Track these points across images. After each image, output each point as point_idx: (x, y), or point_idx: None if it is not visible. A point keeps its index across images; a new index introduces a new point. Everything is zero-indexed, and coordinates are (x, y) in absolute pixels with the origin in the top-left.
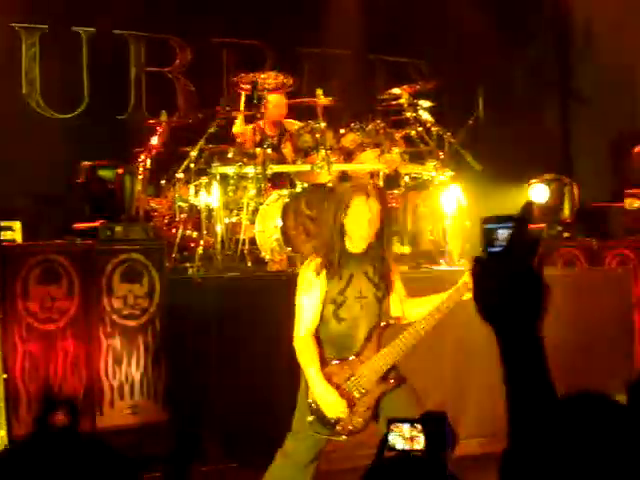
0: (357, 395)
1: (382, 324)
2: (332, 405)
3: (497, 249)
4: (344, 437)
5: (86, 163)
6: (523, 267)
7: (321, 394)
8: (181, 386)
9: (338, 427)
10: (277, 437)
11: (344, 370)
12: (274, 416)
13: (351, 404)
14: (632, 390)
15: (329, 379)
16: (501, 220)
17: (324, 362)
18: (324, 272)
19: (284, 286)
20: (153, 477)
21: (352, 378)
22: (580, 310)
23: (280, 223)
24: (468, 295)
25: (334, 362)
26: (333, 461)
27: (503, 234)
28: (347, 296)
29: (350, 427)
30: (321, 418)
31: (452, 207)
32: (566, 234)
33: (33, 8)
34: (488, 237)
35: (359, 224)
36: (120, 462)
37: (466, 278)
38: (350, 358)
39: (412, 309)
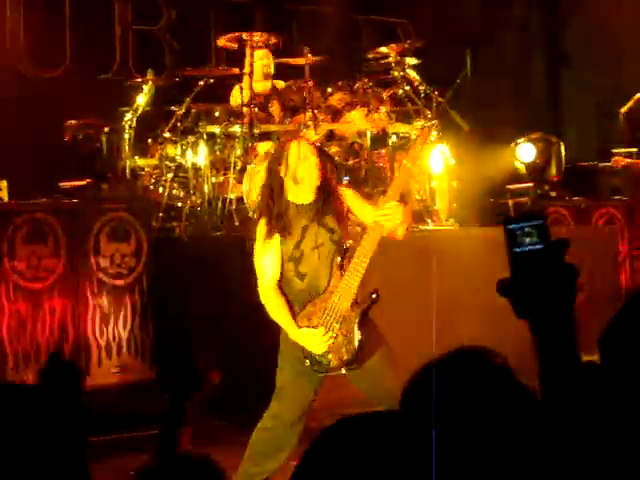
0: (337, 325)
1: (337, 257)
2: (313, 341)
3: (522, 249)
4: (343, 370)
5: (72, 122)
6: (558, 263)
7: (300, 337)
8: (168, 345)
9: (333, 363)
10: (264, 394)
11: (318, 306)
12: (261, 373)
13: (334, 335)
14: (603, 343)
15: (310, 320)
16: (524, 219)
17: (298, 312)
18: (275, 231)
19: None
20: (141, 436)
21: (327, 310)
22: None
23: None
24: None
25: (309, 305)
26: (320, 419)
27: (527, 233)
28: (303, 249)
29: (344, 357)
30: (315, 360)
31: (440, 167)
32: (553, 193)
33: None
34: (512, 237)
35: (298, 173)
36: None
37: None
38: (324, 293)
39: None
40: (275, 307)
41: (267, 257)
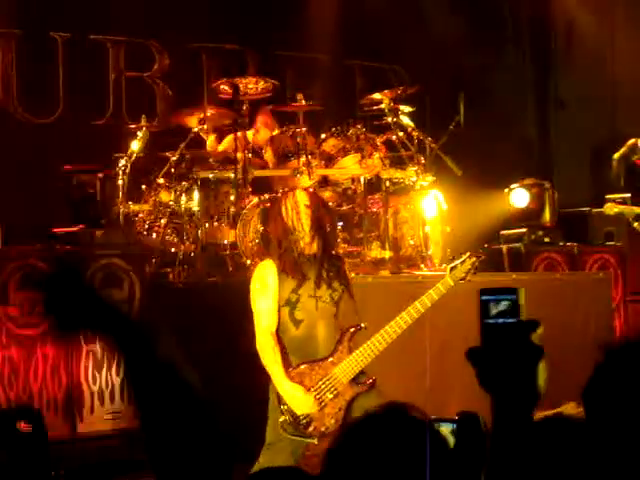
0: (330, 396)
1: (351, 330)
2: (300, 401)
3: (492, 320)
4: (316, 440)
5: (66, 168)
6: (524, 340)
7: (287, 391)
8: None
9: (310, 428)
10: (259, 444)
11: (315, 371)
12: (256, 421)
13: (323, 405)
14: (586, 395)
15: (301, 381)
16: (498, 292)
17: (291, 367)
18: (276, 274)
19: None
20: None
21: (324, 379)
22: (561, 315)
23: (261, 228)
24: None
25: (304, 365)
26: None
27: (500, 306)
28: (300, 294)
29: (322, 428)
30: (293, 419)
31: (433, 212)
32: (547, 239)
33: (9, 13)
34: (485, 308)
35: (303, 225)
36: None
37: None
38: (325, 360)
39: None
40: (268, 356)
41: (265, 301)
